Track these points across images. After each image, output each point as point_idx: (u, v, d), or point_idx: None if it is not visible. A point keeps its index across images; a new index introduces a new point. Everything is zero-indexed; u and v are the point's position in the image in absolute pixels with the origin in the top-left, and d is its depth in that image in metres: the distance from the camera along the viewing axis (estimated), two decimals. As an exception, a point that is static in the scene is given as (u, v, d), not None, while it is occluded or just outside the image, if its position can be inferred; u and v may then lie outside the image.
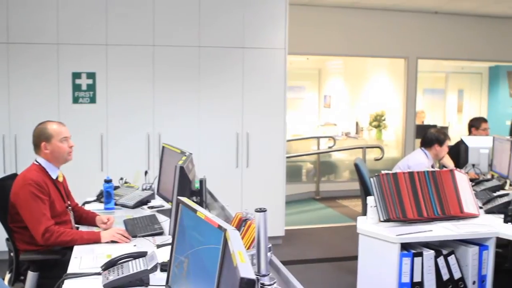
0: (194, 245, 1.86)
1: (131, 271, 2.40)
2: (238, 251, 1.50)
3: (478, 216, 3.96)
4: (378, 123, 10.72)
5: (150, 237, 3.22)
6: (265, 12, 6.05)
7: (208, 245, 1.75)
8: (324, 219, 7.99)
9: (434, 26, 9.20)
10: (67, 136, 3.44)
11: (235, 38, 5.98)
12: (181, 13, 5.83)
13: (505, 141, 5.09)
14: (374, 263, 3.63)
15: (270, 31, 6.09)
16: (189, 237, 1.93)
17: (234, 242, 1.56)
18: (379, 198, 3.67)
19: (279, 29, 6.08)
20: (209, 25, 5.89)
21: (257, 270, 2.03)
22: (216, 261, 1.64)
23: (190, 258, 1.89)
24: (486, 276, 3.65)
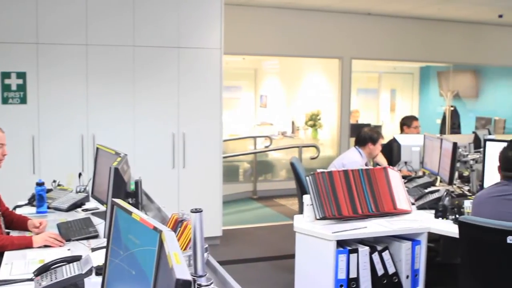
0: (130, 248, 1.83)
1: (65, 276, 2.34)
2: (174, 253, 1.48)
3: (411, 212, 4.07)
4: (314, 123, 10.86)
5: (84, 241, 3.15)
6: (201, 12, 6.02)
7: (143, 247, 1.73)
8: (261, 218, 8.03)
9: (367, 27, 9.39)
10: (3, 143, 3.33)
11: (170, 37, 5.92)
12: (115, 11, 5.72)
13: (435, 139, 5.24)
14: (310, 261, 3.67)
15: (205, 31, 6.06)
16: (125, 239, 1.89)
17: (169, 243, 1.54)
18: (315, 197, 3.71)
19: (214, 29, 6.06)
20: (143, 24, 5.81)
21: (194, 271, 2.01)
22: (152, 263, 1.62)
23: (125, 260, 1.86)
24: (419, 270, 3.75)
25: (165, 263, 1.52)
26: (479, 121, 11.65)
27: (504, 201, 3.27)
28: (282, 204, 8.89)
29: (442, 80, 12.43)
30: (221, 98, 6.14)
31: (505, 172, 3.38)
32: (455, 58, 10.46)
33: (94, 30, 5.66)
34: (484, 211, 3.33)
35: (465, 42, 10.13)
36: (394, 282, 3.65)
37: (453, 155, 4.58)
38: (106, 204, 3.31)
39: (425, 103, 13.30)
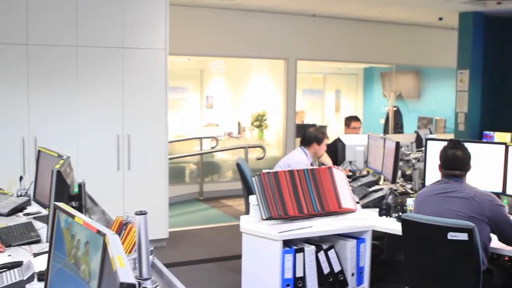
0: (73, 252, 1.80)
1: (6, 282, 2.28)
2: (118, 256, 1.46)
3: (355, 211, 4.13)
4: (260, 123, 10.90)
5: (26, 246, 3.06)
6: (145, 12, 5.95)
7: (87, 251, 1.70)
8: (208, 220, 8.01)
9: (312, 29, 9.48)
10: None
11: (114, 38, 5.83)
12: (56, 10, 5.58)
13: (379, 138, 5.33)
14: (257, 261, 3.68)
15: (150, 31, 6.00)
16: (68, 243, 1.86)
17: (113, 246, 1.52)
18: (261, 197, 3.72)
19: (159, 29, 6.00)
20: (86, 24, 5.70)
21: (139, 274, 1.99)
22: (95, 267, 1.59)
23: (69, 265, 1.82)
24: (364, 268, 3.82)
25: (109, 267, 1.50)
26: (421, 121, 11.94)
27: (445, 198, 3.36)
28: (228, 205, 8.89)
29: (385, 81, 12.67)
30: (166, 99, 6.09)
31: (445, 170, 3.48)
32: (397, 60, 10.68)
33: (34, 29, 5.51)
34: (426, 208, 3.41)
35: (407, 44, 10.35)
36: (339, 280, 3.70)
37: (396, 154, 4.67)
38: (48, 208, 3.24)
39: (369, 103, 13.53)
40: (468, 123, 8.69)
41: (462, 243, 3.08)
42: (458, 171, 3.42)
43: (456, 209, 3.26)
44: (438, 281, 3.28)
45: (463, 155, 3.45)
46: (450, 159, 3.45)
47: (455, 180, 3.41)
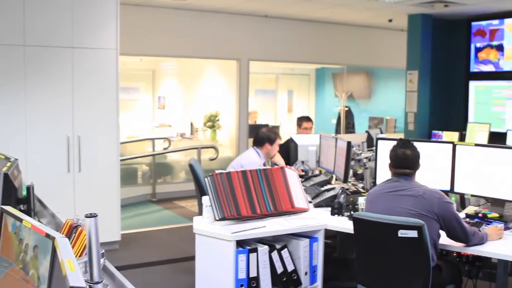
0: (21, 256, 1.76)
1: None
2: (67, 260, 1.43)
3: (308, 210, 4.16)
4: (212, 124, 10.87)
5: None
6: (96, 11, 5.86)
7: (36, 255, 1.66)
8: (161, 221, 7.94)
9: (264, 29, 9.52)
10: None
11: (64, 37, 5.72)
12: (3, 9, 5.45)
13: (331, 138, 5.39)
14: (211, 262, 3.67)
15: (101, 31, 5.91)
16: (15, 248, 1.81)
17: (63, 250, 1.49)
18: (214, 198, 3.71)
19: (110, 28, 5.92)
20: (34, 23, 5.58)
21: (90, 277, 1.96)
22: (45, 271, 1.56)
23: (16, 270, 1.78)
24: (317, 266, 3.85)
25: (58, 271, 1.47)
26: (372, 121, 12.12)
27: (395, 196, 3.42)
28: (181, 206, 8.84)
29: (337, 81, 12.81)
30: (117, 99, 6.02)
31: (395, 169, 3.54)
32: (348, 60, 10.82)
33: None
34: (377, 207, 3.46)
35: (358, 45, 10.50)
36: (293, 279, 3.72)
37: (348, 153, 4.73)
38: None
39: (321, 104, 13.66)
40: (417, 122, 8.87)
41: (412, 240, 3.13)
42: (407, 170, 3.49)
43: (406, 207, 3.32)
44: (389, 278, 3.34)
45: (413, 154, 3.52)
46: (400, 158, 3.51)
47: (405, 178, 3.48)
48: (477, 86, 8.65)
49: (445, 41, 9.01)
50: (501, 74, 8.28)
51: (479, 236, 3.43)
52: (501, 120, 8.26)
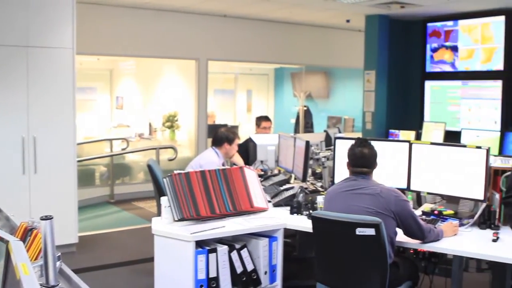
0: (-27, 261, 1.71)
1: None
2: (22, 263, 1.41)
3: (267, 210, 4.17)
4: (171, 124, 10.81)
5: None
6: (51, 9, 5.75)
7: (-12, 259, 1.63)
8: (119, 222, 7.86)
9: (223, 29, 9.50)
10: None
11: (18, 36, 5.60)
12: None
13: (289, 138, 5.41)
14: (170, 263, 3.65)
15: (57, 30, 5.81)
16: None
17: (17, 254, 1.46)
18: (173, 198, 3.69)
19: (66, 27, 5.83)
20: (-13, 22, 5.46)
21: (45, 281, 1.92)
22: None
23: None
24: (276, 266, 3.86)
25: (12, 275, 1.44)
26: (331, 120, 12.23)
27: (353, 195, 3.46)
28: (140, 207, 8.77)
29: (296, 81, 12.88)
30: (74, 99, 5.92)
31: (353, 168, 3.58)
32: (307, 60, 10.89)
33: None
34: (335, 205, 3.50)
35: (316, 45, 10.57)
36: (253, 278, 3.72)
37: (306, 153, 4.76)
38: None
39: (280, 103, 13.71)
40: (375, 122, 8.98)
41: (369, 238, 3.17)
42: (365, 169, 3.53)
43: (364, 205, 3.36)
44: (347, 276, 3.37)
45: (370, 153, 3.56)
46: (357, 157, 3.55)
47: (363, 177, 3.52)
48: (432, 86, 8.80)
49: (401, 41, 9.15)
50: (456, 74, 8.44)
51: (435, 233, 3.49)
52: (456, 119, 8.43)
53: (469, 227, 3.81)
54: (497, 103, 7.94)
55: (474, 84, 8.22)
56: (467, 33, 8.22)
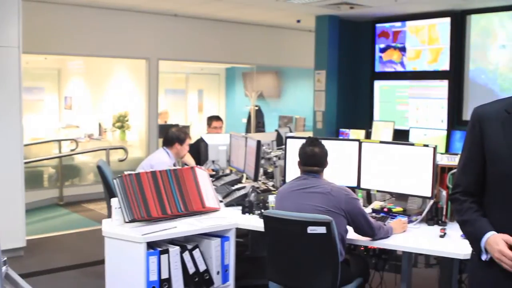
0: None
1: None
2: (-35, 268, 1.36)
3: (219, 210, 4.16)
4: (122, 124, 10.66)
5: None
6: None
7: None
8: (69, 225, 7.71)
9: (174, 28, 9.43)
10: None
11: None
12: None
13: (241, 138, 5.41)
14: (121, 265, 3.60)
15: (2, 28, 5.66)
16: None
17: (-41, 258, 1.42)
18: (123, 199, 3.65)
19: (11, 25, 5.68)
20: None
21: (-9, 286, 1.87)
22: None
23: None
24: (229, 265, 3.86)
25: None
26: (282, 120, 12.29)
27: (304, 194, 3.48)
28: (90, 209, 8.63)
29: (247, 81, 12.90)
30: (20, 100, 5.78)
31: (304, 166, 3.60)
32: (258, 60, 10.91)
33: None
34: (287, 204, 3.52)
35: (267, 45, 10.61)
36: (205, 279, 3.71)
37: (258, 152, 4.76)
38: None
39: (231, 103, 13.71)
40: (325, 121, 9.07)
41: (321, 236, 3.20)
42: (316, 167, 3.56)
43: (315, 204, 3.39)
44: (299, 274, 3.39)
45: (321, 152, 3.59)
46: (308, 156, 3.58)
47: (313, 176, 3.55)
48: (381, 85, 8.95)
49: (351, 42, 9.27)
50: (404, 74, 8.61)
51: (385, 230, 3.55)
52: (405, 118, 8.60)
53: (417, 223, 3.89)
54: (443, 103, 8.14)
55: (422, 84, 8.40)
56: (415, 34, 8.39)
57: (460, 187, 2.44)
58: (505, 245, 2.18)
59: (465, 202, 2.40)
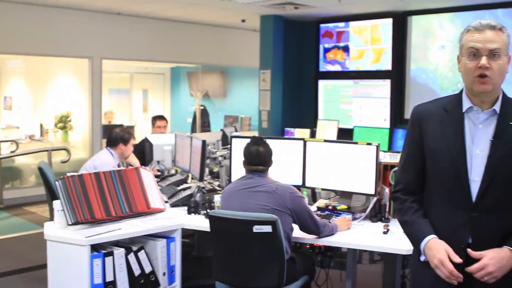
0: None
1: None
2: None
3: (164, 210, 4.12)
4: (64, 125, 10.45)
5: None
6: None
7: None
8: (10, 229, 7.50)
9: (117, 27, 9.31)
10: None
11: None
12: None
13: (186, 137, 5.37)
14: (64, 269, 3.52)
15: None
16: None
17: None
18: (66, 201, 3.57)
19: None
20: None
21: None
22: None
23: None
24: (175, 266, 3.83)
25: None
26: (227, 119, 12.29)
27: (250, 193, 3.49)
28: (32, 212, 8.43)
29: (192, 80, 12.84)
30: (-44, 100, 5.60)
31: (249, 166, 3.61)
32: (203, 59, 10.89)
33: None
34: (233, 204, 3.52)
35: (213, 44, 10.59)
36: (151, 280, 3.67)
37: (203, 152, 4.75)
38: None
39: (177, 103, 13.63)
40: (270, 120, 9.12)
41: (266, 235, 3.22)
42: (261, 167, 3.58)
43: (260, 203, 3.40)
44: (246, 273, 3.40)
45: (265, 151, 3.61)
46: (253, 155, 3.59)
47: (259, 175, 3.56)
48: (326, 85, 9.06)
49: (296, 41, 9.34)
50: (347, 74, 8.74)
51: (330, 228, 3.59)
52: (348, 117, 8.72)
53: (361, 220, 3.95)
54: (386, 102, 8.30)
55: (365, 83, 8.55)
56: (358, 34, 8.53)
57: (401, 185, 2.49)
58: (446, 255, 2.22)
59: (406, 201, 2.45)
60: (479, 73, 2.22)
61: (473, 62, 2.24)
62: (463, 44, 2.30)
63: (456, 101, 2.37)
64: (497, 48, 2.22)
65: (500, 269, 2.17)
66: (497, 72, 2.23)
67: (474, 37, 2.25)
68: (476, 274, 2.18)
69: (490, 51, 2.21)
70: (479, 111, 2.30)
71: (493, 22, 2.26)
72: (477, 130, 2.30)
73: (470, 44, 2.25)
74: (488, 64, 2.21)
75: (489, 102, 2.30)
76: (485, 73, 2.21)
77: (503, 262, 2.18)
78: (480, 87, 2.24)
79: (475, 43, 2.24)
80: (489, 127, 2.29)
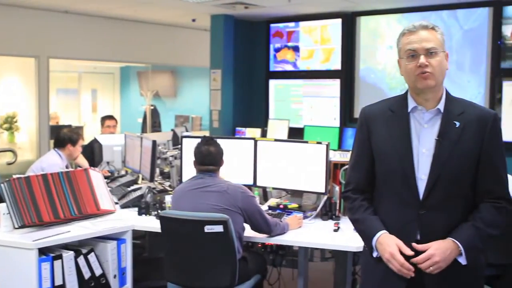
0: None
1: None
2: None
3: (115, 212, 4.09)
4: (10, 125, 10.19)
5: None
6: None
7: None
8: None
9: (65, 26, 9.12)
10: None
11: None
12: None
13: (136, 138, 5.33)
14: (11, 273, 3.44)
15: None
16: None
17: None
18: (12, 204, 3.50)
19: None
20: None
21: None
22: None
23: None
24: (126, 268, 3.80)
25: None
26: (178, 119, 12.22)
27: (201, 193, 3.49)
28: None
29: (142, 80, 12.71)
30: None
31: (200, 166, 3.61)
32: (153, 59, 10.78)
33: None
34: (184, 204, 3.51)
35: (163, 44, 10.50)
36: (102, 283, 3.64)
37: (153, 152, 4.71)
38: None
39: (127, 103, 13.46)
40: (221, 120, 9.10)
41: (218, 235, 3.22)
42: (211, 166, 3.58)
43: (211, 203, 3.40)
44: (198, 273, 3.39)
45: (216, 151, 3.62)
46: (203, 155, 3.59)
47: (209, 175, 3.56)
48: (276, 84, 9.10)
49: (246, 41, 9.34)
50: (298, 73, 8.79)
51: (281, 227, 3.62)
52: (299, 116, 8.79)
53: (312, 219, 3.99)
54: (336, 101, 8.39)
55: (315, 83, 8.62)
56: (308, 34, 8.60)
57: (352, 184, 2.53)
58: (397, 249, 2.28)
59: (356, 200, 2.49)
60: (420, 71, 2.29)
61: (412, 63, 2.32)
62: (401, 47, 2.38)
63: (402, 101, 2.43)
64: (433, 47, 2.30)
65: (444, 260, 2.24)
66: (437, 68, 2.30)
67: (410, 39, 2.33)
68: (422, 264, 2.24)
69: (426, 50, 2.30)
70: (423, 110, 2.36)
71: (425, 23, 2.35)
72: (423, 130, 2.35)
73: (407, 46, 2.34)
74: (427, 62, 2.27)
75: (433, 101, 2.36)
76: (425, 70, 2.28)
77: (447, 253, 2.25)
78: (423, 83, 2.30)
79: (411, 44, 2.33)
80: (434, 127, 2.35)
